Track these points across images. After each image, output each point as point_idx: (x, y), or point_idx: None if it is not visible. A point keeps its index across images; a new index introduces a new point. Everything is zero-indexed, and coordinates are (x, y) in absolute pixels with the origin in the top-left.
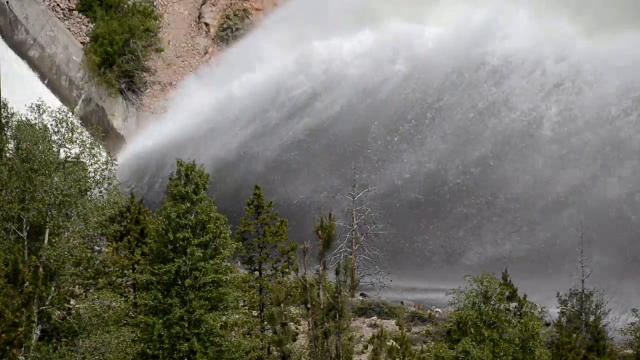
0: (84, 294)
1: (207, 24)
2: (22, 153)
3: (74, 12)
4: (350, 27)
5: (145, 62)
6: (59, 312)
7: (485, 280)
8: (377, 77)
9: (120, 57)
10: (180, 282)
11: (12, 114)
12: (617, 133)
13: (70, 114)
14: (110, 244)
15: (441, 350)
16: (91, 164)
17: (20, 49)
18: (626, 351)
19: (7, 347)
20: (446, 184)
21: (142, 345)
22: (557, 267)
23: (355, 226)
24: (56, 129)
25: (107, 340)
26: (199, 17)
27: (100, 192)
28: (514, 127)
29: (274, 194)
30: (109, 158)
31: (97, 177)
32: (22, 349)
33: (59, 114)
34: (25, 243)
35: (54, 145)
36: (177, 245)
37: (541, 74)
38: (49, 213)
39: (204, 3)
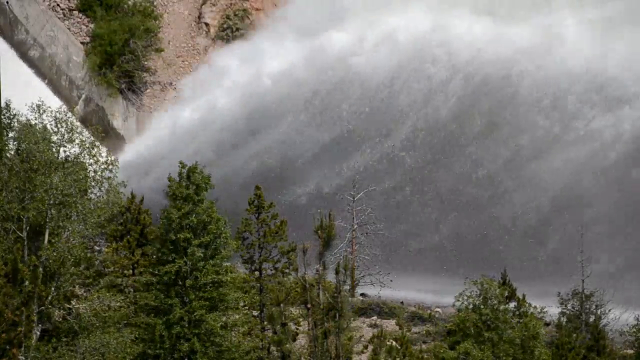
0: (84, 294)
1: (207, 24)
2: (22, 153)
3: (74, 12)
4: None
5: (145, 62)
6: (59, 312)
7: (485, 283)
8: None
9: (120, 57)
10: (180, 283)
11: (14, 115)
12: None
13: (69, 113)
14: (110, 244)
15: (441, 351)
16: (90, 164)
17: (20, 49)
18: (626, 351)
19: (7, 347)
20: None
21: (143, 345)
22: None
23: (355, 226)
24: (55, 129)
25: (107, 340)
26: (199, 17)
27: (100, 191)
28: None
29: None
30: (111, 159)
31: (97, 177)
32: (22, 348)
33: (59, 113)
34: (25, 243)
35: (53, 145)
36: (178, 246)
37: None
38: (49, 213)
39: (204, 3)
